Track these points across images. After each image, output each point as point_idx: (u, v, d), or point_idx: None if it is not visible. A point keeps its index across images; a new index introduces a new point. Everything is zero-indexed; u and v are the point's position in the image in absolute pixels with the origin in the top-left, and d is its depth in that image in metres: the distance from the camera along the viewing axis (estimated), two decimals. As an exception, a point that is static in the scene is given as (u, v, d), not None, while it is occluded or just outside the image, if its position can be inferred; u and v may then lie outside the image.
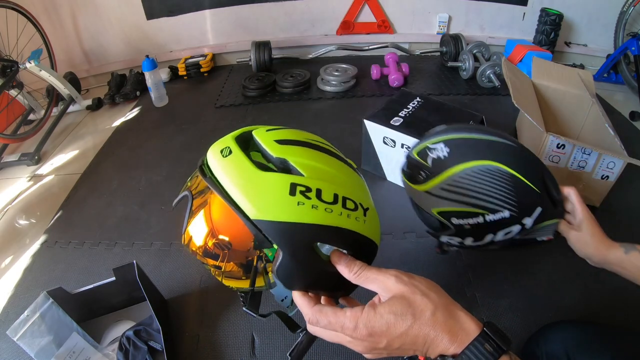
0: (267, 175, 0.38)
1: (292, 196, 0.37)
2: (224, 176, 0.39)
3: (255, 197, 0.37)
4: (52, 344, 0.80)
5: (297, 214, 0.37)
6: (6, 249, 1.20)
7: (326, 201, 0.38)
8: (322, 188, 0.38)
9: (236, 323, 0.91)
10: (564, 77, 1.36)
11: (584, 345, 0.60)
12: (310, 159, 0.41)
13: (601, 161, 1.05)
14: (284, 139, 0.42)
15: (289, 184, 0.38)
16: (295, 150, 0.41)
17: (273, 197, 0.37)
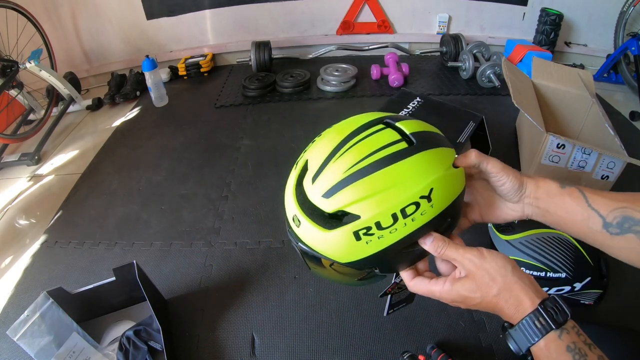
0: (335, 233, 0.45)
1: (359, 240, 0.44)
2: (307, 241, 0.48)
3: (335, 251, 0.46)
4: (52, 344, 0.80)
5: (370, 249, 0.45)
6: (6, 249, 1.20)
7: (387, 227, 0.44)
8: (379, 219, 0.43)
9: (236, 323, 0.91)
10: (564, 77, 1.36)
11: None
12: (359, 194, 0.44)
13: (601, 161, 1.05)
14: (330, 189, 0.46)
15: (352, 234, 0.44)
16: (343, 196, 0.45)
17: (346, 247, 0.45)
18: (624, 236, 0.45)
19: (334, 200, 0.45)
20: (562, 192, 0.50)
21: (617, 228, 0.46)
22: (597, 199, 0.48)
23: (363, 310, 0.90)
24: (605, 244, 0.48)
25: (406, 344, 0.84)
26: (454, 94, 1.80)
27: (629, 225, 0.45)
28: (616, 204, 0.47)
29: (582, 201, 0.49)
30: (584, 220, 0.48)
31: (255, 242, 1.11)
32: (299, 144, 1.48)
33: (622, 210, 0.46)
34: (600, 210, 0.47)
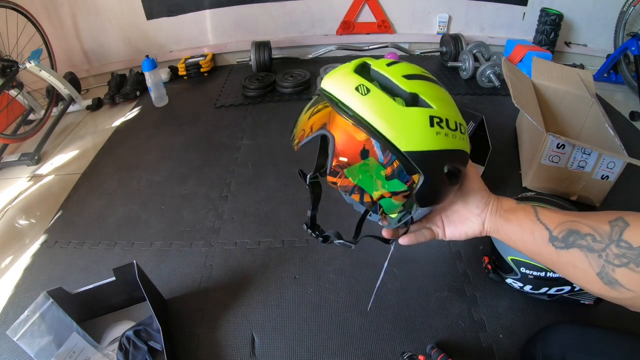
0: (411, 111, 0.43)
1: (432, 127, 0.43)
2: (371, 114, 0.42)
3: (404, 132, 0.42)
4: (52, 344, 0.80)
5: (437, 142, 0.43)
6: (6, 249, 1.20)
7: (452, 129, 0.45)
8: (449, 117, 0.44)
9: (236, 323, 0.91)
10: (564, 77, 1.36)
11: (582, 348, 0.60)
12: (433, 91, 0.46)
13: (601, 161, 1.05)
14: (409, 74, 0.46)
15: (429, 117, 0.43)
16: (421, 84, 0.45)
17: (418, 130, 0.43)
18: (569, 251, 0.43)
19: (414, 83, 0.45)
20: (517, 207, 0.51)
21: (562, 242, 0.44)
22: (547, 214, 0.47)
23: (363, 310, 0.90)
24: (552, 260, 0.45)
25: (406, 344, 0.84)
26: (454, 94, 1.79)
27: (574, 239, 0.43)
28: (565, 218, 0.45)
29: (532, 215, 0.48)
30: (531, 233, 0.47)
31: (255, 242, 1.11)
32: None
33: (570, 224, 0.44)
34: (548, 224, 0.46)
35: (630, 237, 0.39)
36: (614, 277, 0.39)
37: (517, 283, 0.86)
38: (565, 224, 0.44)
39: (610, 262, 0.39)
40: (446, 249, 1.05)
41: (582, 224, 0.43)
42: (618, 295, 0.40)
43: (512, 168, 1.31)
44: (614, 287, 0.40)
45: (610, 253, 0.40)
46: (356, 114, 0.43)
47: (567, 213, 0.46)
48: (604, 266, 0.40)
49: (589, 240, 0.41)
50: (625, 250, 0.39)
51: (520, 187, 1.21)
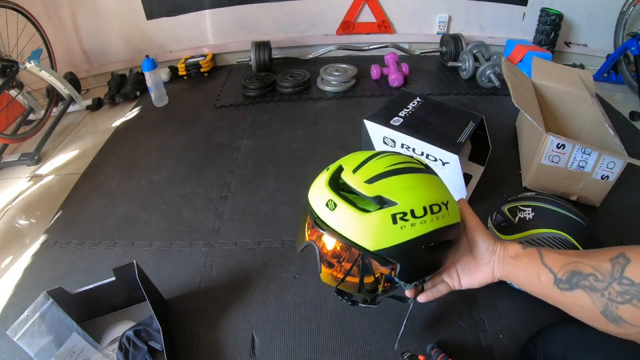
0: (373, 216, 0.49)
1: (395, 224, 0.49)
2: (340, 226, 0.50)
3: (369, 235, 0.49)
4: (52, 344, 0.80)
5: (402, 235, 0.49)
6: (6, 249, 1.20)
7: (419, 216, 0.50)
8: (414, 208, 0.50)
9: (236, 323, 0.91)
10: (564, 77, 1.36)
11: (582, 348, 0.60)
12: (397, 185, 0.51)
13: (601, 161, 1.05)
14: (371, 177, 0.52)
15: (390, 216, 0.49)
16: (383, 184, 0.51)
17: (382, 231, 0.49)
18: (573, 292, 0.44)
19: (376, 186, 0.51)
20: (522, 253, 0.52)
21: (566, 284, 0.45)
22: (552, 256, 0.48)
23: (363, 310, 0.90)
24: (558, 301, 0.47)
25: (406, 344, 0.84)
26: (454, 94, 1.80)
27: (577, 280, 0.43)
28: (568, 259, 0.45)
29: (537, 259, 0.49)
30: (537, 277, 0.48)
31: (255, 242, 1.11)
32: (298, 144, 1.48)
33: (573, 265, 0.44)
34: (552, 267, 0.47)
35: (631, 274, 0.39)
36: (618, 314, 0.39)
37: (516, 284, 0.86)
38: (569, 266, 0.45)
39: (613, 300, 0.39)
40: (446, 249, 1.05)
41: (585, 264, 0.43)
42: (624, 332, 0.40)
43: (512, 168, 1.31)
44: (619, 324, 0.40)
45: (612, 291, 0.40)
46: (329, 227, 0.51)
47: (571, 253, 0.47)
48: (607, 304, 0.40)
49: (591, 280, 0.42)
50: (628, 287, 0.39)
51: (520, 187, 1.21)
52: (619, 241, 0.61)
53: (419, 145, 1.08)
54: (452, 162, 1.03)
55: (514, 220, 0.83)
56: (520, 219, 0.82)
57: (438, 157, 1.06)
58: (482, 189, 1.20)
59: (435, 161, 1.07)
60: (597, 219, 1.10)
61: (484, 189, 1.21)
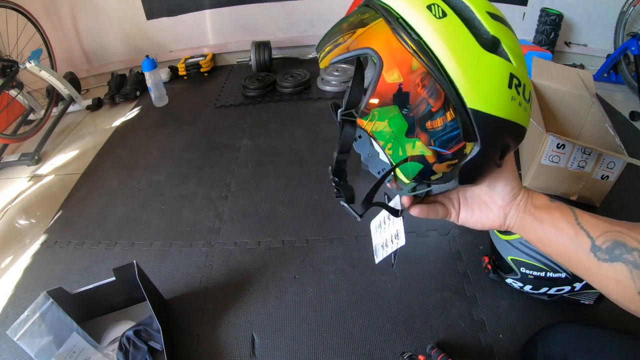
0: (493, 59, 0.33)
1: (510, 89, 0.33)
2: (443, 47, 0.32)
3: (478, 83, 0.32)
4: (52, 344, 0.80)
5: (510, 110, 0.34)
6: (6, 249, 1.20)
7: (527, 99, 0.36)
8: (526, 82, 0.35)
9: (236, 323, 0.91)
10: (564, 77, 1.36)
11: (582, 348, 0.60)
12: (515, 44, 0.35)
13: (601, 161, 1.05)
14: (493, 13, 0.35)
15: (509, 74, 0.33)
16: (505, 30, 0.35)
17: (495, 87, 0.33)
18: (613, 264, 0.39)
19: (499, 26, 0.35)
20: (551, 206, 0.45)
21: (606, 254, 0.40)
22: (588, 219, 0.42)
23: (363, 310, 0.90)
24: (591, 271, 0.42)
25: (406, 344, 0.84)
26: (454, 94, 1.80)
27: (620, 252, 0.39)
28: (609, 227, 0.41)
29: (571, 217, 0.43)
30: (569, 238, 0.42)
31: (255, 242, 1.11)
32: (299, 144, 1.48)
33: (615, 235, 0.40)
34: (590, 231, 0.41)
35: None
36: None
37: (517, 283, 0.86)
38: (610, 234, 0.40)
39: None
40: (446, 248, 1.05)
41: (630, 237, 0.39)
42: None
43: (512, 168, 1.31)
44: None
45: None
46: (422, 40, 0.32)
47: (610, 221, 0.42)
48: None
49: (636, 255, 0.38)
50: None
51: (520, 187, 1.21)
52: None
53: (419, 145, 1.07)
54: (452, 162, 1.03)
55: None
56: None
57: (438, 157, 1.05)
58: (482, 189, 1.20)
59: (436, 161, 1.07)
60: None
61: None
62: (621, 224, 0.41)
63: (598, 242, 0.40)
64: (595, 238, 0.40)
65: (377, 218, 0.58)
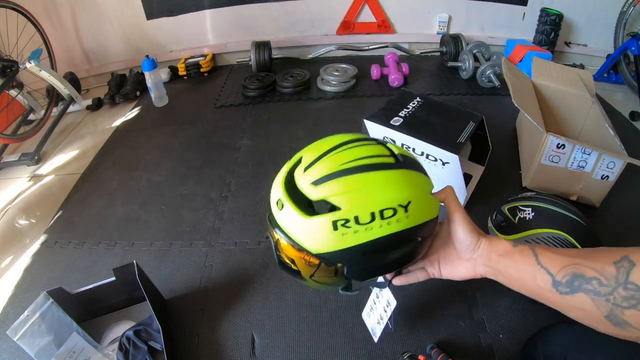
0: (313, 220, 0.48)
1: (336, 230, 0.48)
2: (285, 226, 0.51)
3: (310, 238, 0.49)
4: (52, 344, 0.80)
5: (343, 242, 0.48)
6: (6, 249, 1.20)
7: (364, 223, 0.47)
8: (358, 214, 0.47)
9: (236, 323, 0.91)
10: (564, 77, 1.36)
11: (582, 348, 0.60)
12: (347, 187, 0.48)
13: (601, 161, 1.05)
14: (320, 177, 0.49)
15: (331, 223, 0.47)
16: (331, 185, 0.48)
17: (322, 236, 0.48)
18: (574, 296, 0.42)
19: (321, 188, 0.49)
20: (513, 251, 0.49)
21: (566, 287, 0.42)
22: (548, 256, 0.45)
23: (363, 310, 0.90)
24: (557, 304, 0.45)
25: (406, 344, 0.84)
26: (454, 94, 1.80)
27: (579, 283, 0.41)
28: (567, 261, 0.43)
29: (531, 259, 0.47)
30: (532, 278, 0.46)
31: (255, 242, 1.11)
32: (299, 144, 1.47)
33: (574, 267, 0.42)
34: (549, 268, 0.44)
35: (637, 279, 0.38)
36: (624, 318, 0.39)
37: None
38: (569, 268, 0.43)
39: (619, 305, 0.39)
40: (446, 249, 1.05)
41: (587, 267, 0.41)
42: (628, 335, 0.39)
43: (512, 168, 1.31)
44: (624, 327, 0.39)
45: (617, 296, 0.39)
46: (277, 225, 0.52)
47: (569, 253, 0.44)
48: (612, 309, 0.39)
49: (594, 284, 0.40)
50: (633, 292, 0.38)
51: (520, 187, 1.21)
52: (619, 241, 0.61)
53: (419, 145, 1.07)
54: (452, 162, 1.03)
55: (514, 220, 0.83)
56: (520, 219, 0.82)
57: (438, 157, 1.06)
58: (482, 189, 1.20)
59: (435, 161, 1.07)
60: (597, 219, 1.10)
61: (484, 189, 1.21)
62: (581, 255, 0.43)
63: (558, 277, 0.43)
64: (555, 274, 0.44)
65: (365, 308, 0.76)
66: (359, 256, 0.50)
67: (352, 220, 0.47)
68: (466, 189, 1.08)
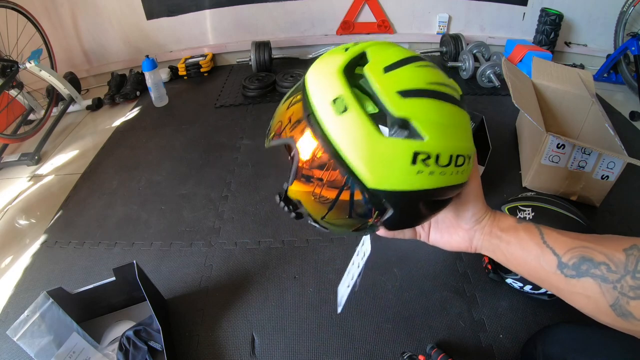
0: (391, 143, 0.36)
1: (413, 165, 0.37)
2: (343, 140, 0.36)
3: (377, 167, 0.36)
4: (52, 344, 0.80)
5: (416, 182, 0.37)
6: (6, 249, 1.20)
7: (442, 165, 0.38)
8: (440, 152, 0.37)
9: (236, 323, 0.91)
10: (564, 77, 1.36)
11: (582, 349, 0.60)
12: (433, 115, 0.38)
13: (601, 161, 1.05)
14: (409, 89, 0.37)
15: (412, 153, 0.36)
16: (419, 104, 0.37)
17: (394, 167, 0.36)
18: (580, 280, 0.39)
19: (409, 103, 0.37)
20: (517, 227, 0.46)
21: (572, 270, 0.40)
22: (555, 236, 0.42)
23: (363, 310, 0.90)
24: (560, 288, 0.41)
25: (406, 344, 0.84)
26: (454, 94, 1.79)
27: (587, 267, 0.39)
28: (575, 243, 0.40)
29: (537, 237, 0.43)
30: (536, 257, 0.42)
31: (255, 242, 1.11)
32: (299, 144, 1.48)
33: (582, 250, 0.40)
34: (555, 248, 0.41)
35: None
36: (628, 309, 0.37)
37: (517, 283, 0.86)
38: (577, 250, 0.40)
39: (625, 294, 0.37)
40: (446, 249, 1.05)
41: (596, 252, 0.39)
42: (630, 327, 0.38)
43: (512, 168, 1.31)
44: (627, 319, 0.37)
45: (625, 285, 0.37)
46: (325, 133, 0.37)
47: (577, 236, 0.42)
48: (618, 298, 0.37)
49: (603, 269, 0.38)
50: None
51: (520, 187, 1.21)
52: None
53: (419, 145, 1.07)
54: (452, 162, 1.03)
55: None
56: (520, 219, 0.82)
57: (438, 157, 1.05)
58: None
59: (435, 161, 1.07)
60: (597, 219, 1.10)
61: (484, 189, 1.19)
62: (589, 239, 0.40)
63: (564, 259, 0.40)
64: (561, 255, 0.41)
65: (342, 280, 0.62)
66: (417, 204, 0.40)
67: (433, 158, 0.37)
68: (466, 189, 1.07)
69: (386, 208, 0.39)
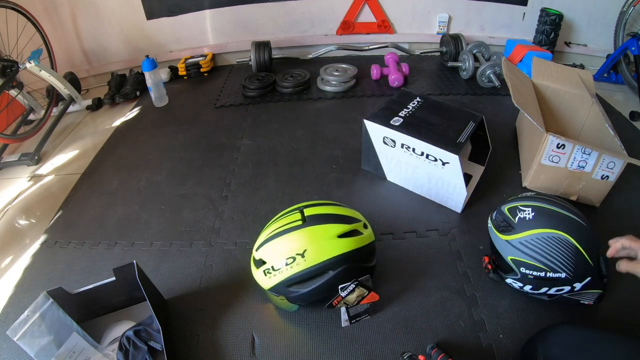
0: (258, 271, 0.86)
1: (266, 275, 0.84)
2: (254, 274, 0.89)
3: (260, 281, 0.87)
4: (52, 344, 0.80)
5: (272, 282, 0.83)
6: (6, 249, 1.20)
7: (277, 269, 0.82)
8: (273, 264, 0.82)
9: (236, 323, 0.91)
10: (564, 77, 1.37)
11: (582, 349, 0.60)
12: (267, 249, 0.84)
13: (601, 161, 1.05)
14: (258, 245, 0.86)
15: (263, 272, 0.84)
16: (264, 248, 0.84)
17: (262, 279, 0.85)
18: None
19: (257, 252, 0.86)
20: None
21: None
22: None
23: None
24: None
25: (406, 344, 0.84)
26: (454, 94, 1.80)
27: None
28: None
29: None
30: None
31: (255, 242, 1.11)
32: (298, 144, 1.48)
33: None
34: None
35: None
36: None
37: (517, 283, 0.86)
38: None
39: None
40: (446, 249, 1.05)
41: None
42: None
43: (512, 168, 1.31)
44: None
45: None
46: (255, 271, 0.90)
47: None
48: None
49: None
50: None
51: (520, 187, 1.21)
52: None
53: (419, 145, 1.08)
54: (452, 162, 1.03)
55: (514, 220, 0.83)
56: (520, 219, 0.82)
57: (438, 157, 1.06)
58: (482, 189, 1.20)
59: (435, 161, 1.07)
60: (597, 219, 1.10)
61: (484, 189, 1.21)
62: None
63: None
64: None
65: None
66: (285, 288, 0.82)
67: (271, 269, 0.82)
68: (466, 189, 1.08)
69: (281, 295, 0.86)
